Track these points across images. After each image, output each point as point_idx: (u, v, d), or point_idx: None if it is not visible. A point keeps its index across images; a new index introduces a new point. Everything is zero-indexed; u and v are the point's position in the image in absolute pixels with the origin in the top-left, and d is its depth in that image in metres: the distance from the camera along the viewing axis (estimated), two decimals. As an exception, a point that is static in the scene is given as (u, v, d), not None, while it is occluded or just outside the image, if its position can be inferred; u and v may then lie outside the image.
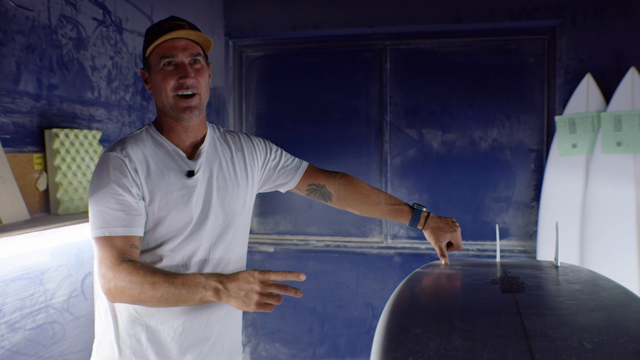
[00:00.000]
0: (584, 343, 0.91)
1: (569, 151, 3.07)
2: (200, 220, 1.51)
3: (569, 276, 1.42)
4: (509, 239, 3.42)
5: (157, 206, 1.45)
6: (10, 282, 1.86)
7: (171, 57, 1.45)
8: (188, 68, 1.46)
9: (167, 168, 1.48)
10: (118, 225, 1.38)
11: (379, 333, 0.99)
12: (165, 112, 1.50)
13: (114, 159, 1.43)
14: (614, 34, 3.05)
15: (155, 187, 1.45)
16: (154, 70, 1.48)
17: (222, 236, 1.56)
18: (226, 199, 1.56)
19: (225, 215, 1.56)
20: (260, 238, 3.72)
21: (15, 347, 1.88)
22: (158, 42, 1.45)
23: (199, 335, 1.53)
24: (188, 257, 1.50)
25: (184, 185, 1.48)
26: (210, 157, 1.56)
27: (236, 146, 1.65)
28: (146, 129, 1.54)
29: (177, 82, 1.45)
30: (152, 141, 1.51)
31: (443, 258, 1.68)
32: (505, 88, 3.38)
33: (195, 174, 1.50)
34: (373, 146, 3.57)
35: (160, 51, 1.45)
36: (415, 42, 3.49)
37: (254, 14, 3.49)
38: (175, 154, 1.51)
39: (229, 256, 1.58)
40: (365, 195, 1.78)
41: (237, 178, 1.60)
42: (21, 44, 1.91)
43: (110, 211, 1.38)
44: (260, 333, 3.68)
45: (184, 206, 1.47)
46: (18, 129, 1.90)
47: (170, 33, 1.44)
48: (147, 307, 1.45)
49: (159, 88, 1.47)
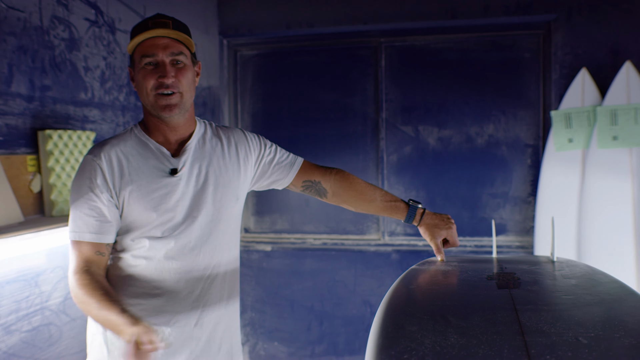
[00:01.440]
0: (580, 338, 0.90)
1: (565, 146, 3.07)
2: (186, 218, 1.50)
3: (565, 271, 1.42)
4: (507, 235, 3.42)
5: (137, 206, 1.45)
6: (6, 284, 1.85)
7: (151, 57, 1.44)
8: (168, 67, 1.44)
9: (149, 167, 1.48)
10: (87, 231, 1.42)
11: (374, 331, 0.99)
12: (148, 110, 1.50)
13: (90, 164, 1.45)
14: (609, 28, 3.05)
15: (133, 188, 1.45)
16: (137, 69, 1.47)
17: (212, 234, 1.55)
18: (217, 195, 1.55)
19: (216, 212, 1.55)
20: (257, 237, 3.72)
21: (11, 350, 1.87)
22: (139, 40, 1.44)
23: (188, 334, 1.53)
24: (176, 256, 1.49)
25: (165, 184, 1.48)
26: (198, 154, 1.55)
27: (229, 141, 1.63)
28: (131, 129, 1.54)
29: (157, 82, 1.44)
30: (135, 141, 1.51)
31: (439, 254, 1.68)
32: (501, 84, 3.37)
33: (179, 171, 1.49)
34: (369, 144, 3.56)
35: (142, 49, 1.45)
36: (410, 38, 3.48)
37: (248, 13, 3.48)
38: (158, 153, 1.50)
39: (219, 257, 1.57)
40: (360, 192, 1.77)
41: (228, 173, 1.59)
42: (13, 45, 1.90)
43: (83, 216, 1.42)
44: (259, 332, 3.67)
45: (165, 205, 1.47)
46: (11, 130, 1.89)
47: (149, 31, 1.43)
48: (134, 307, 1.46)
49: (140, 86, 1.47)
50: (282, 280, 3.63)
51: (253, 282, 3.66)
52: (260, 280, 3.66)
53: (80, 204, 1.42)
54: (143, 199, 1.45)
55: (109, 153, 1.46)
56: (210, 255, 1.55)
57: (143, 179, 1.46)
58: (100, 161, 1.44)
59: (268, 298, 3.65)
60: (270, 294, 3.65)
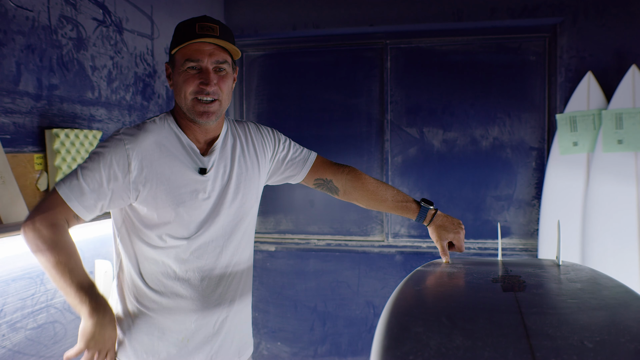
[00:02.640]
0: (585, 342, 0.90)
1: (570, 149, 3.06)
2: (209, 216, 1.50)
3: (571, 275, 1.42)
4: (511, 237, 3.42)
5: (163, 199, 1.43)
6: (11, 282, 1.86)
7: (196, 62, 1.43)
8: (211, 75, 1.44)
9: (179, 162, 1.46)
10: (73, 195, 1.36)
11: (380, 332, 0.99)
12: (183, 111, 1.49)
13: (120, 147, 1.40)
14: (615, 31, 3.05)
15: (161, 180, 1.43)
16: (177, 70, 1.46)
17: (234, 232, 1.56)
18: (239, 194, 1.56)
19: (238, 211, 1.56)
20: (261, 237, 3.72)
21: (16, 347, 1.88)
22: (185, 45, 1.42)
23: (210, 333, 1.54)
24: (201, 255, 1.50)
25: (194, 182, 1.47)
26: (222, 153, 1.55)
27: (246, 138, 1.64)
28: (164, 117, 1.51)
29: (198, 87, 1.43)
30: (168, 131, 1.49)
31: (444, 256, 1.68)
32: (506, 86, 3.37)
33: (208, 171, 1.49)
34: (374, 145, 3.57)
35: (186, 52, 1.43)
36: (416, 40, 3.48)
37: (254, 14, 3.49)
38: (189, 149, 1.49)
39: (239, 255, 1.59)
40: (372, 192, 1.78)
41: (248, 172, 1.60)
42: (21, 44, 1.91)
43: (81, 180, 1.37)
44: (262, 332, 3.68)
45: (191, 202, 1.46)
46: (18, 129, 1.90)
47: (198, 39, 1.41)
48: (159, 307, 1.48)
49: (179, 88, 1.45)
50: (285, 281, 3.63)
51: (257, 281, 3.66)
52: (264, 280, 3.66)
53: (86, 168, 1.38)
54: (170, 193, 1.44)
55: (143, 142, 1.43)
56: (231, 254, 1.56)
57: (172, 173, 1.44)
58: (131, 149, 1.41)
59: (271, 298, 3.66)
60: (273, 294, 3.65)
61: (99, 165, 1.38)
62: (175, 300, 1.49)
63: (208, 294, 1.52)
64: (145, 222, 1.45)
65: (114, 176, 1.39)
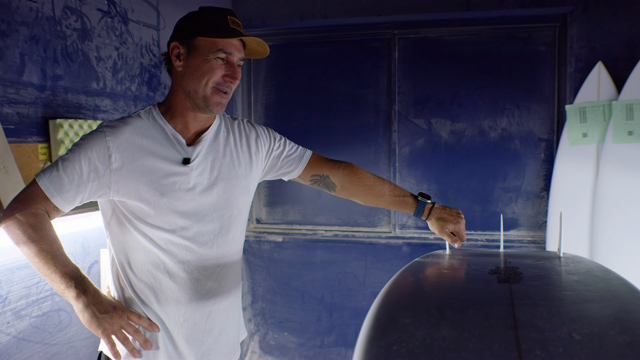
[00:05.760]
0: (574, 334, 0.90)
1: (579, 140, 3.03)
2: (198, 210, 1.50)
3: (570, 267, 1.41)
4: (519, 229, 3.39)
5: (146, 190, 1.43)
6: (16, 270, 1.89)
7: (228, 54, 1.46)
8: (237, 70, 1.48)
9: (161, 153, 1.46)
10: (54, 188, 1.37)
11: (367, 322, 0.99)
12: (191, 96, 1.47)
13: (100, 139, 1.41)
14: (626, 21, 2.99)
15: (143, 172, 1.43)
16: (201, 55, 1.45)
17: (224, 226, 1.55)
18: (228, 189, 1.55)
19: (228, 205, 1.56)
20: (268, 228, 3.73)
21: (21, 334, 1.91)
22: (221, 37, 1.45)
23: (201, 327, 1.54)
24: (192, 248, 1.51)
25: (176, 172, 1.47)
26: (212, 147, 1.55)
27: (240, 135, 1.64)
28: (149, 110, 1.51)
29: (222, 79, 1.46)
30: (152, 123, 1.48)
31: (455, 243, 1.68)
32: (515, 77, 3.33)
33: (192, 161, 1.49)
34: (382, 136, 3.55)
35: (219, 43, 1.45)
36: (424, 30, 3.45)
37: (261, 4, 3.48)
38: (173, 139, 1.49)
39: (230, 249, 1.59)
40: (369, 187, 1.77)
41: (240, 167, 1.59)
42: (25, 35, 1.92)
43: (61, 172, 1.37)
44: (269, 322, 3.70)
45: (175, 193, 1.46)
46: (22, 119, 1.92)
47: (240, 37, 1.47)
48: (149, 298, 1.49)
49: (200, 73, 1.45)
50: (292, 271, 3.65)
51: (264, 272, 3.68)
52: (271, 271, 3.68)
53: (68, 160, 1.38)
54: (152, 184, 1.43)
55: (125, 133, 1.43)
56: (222, 247, 1.56)
57: (154, 164, 1.44)
58: (112, 141, 1.41)
59: (279, 288, 3.67)
60: (280, 284, 3.67)
61: (79, 157, 1.38)
62: (164, 291, 1.49)
63: (199, 288, 1.52)
64: (133, 213, 1.45)
65: (94, 168, 1.39)
